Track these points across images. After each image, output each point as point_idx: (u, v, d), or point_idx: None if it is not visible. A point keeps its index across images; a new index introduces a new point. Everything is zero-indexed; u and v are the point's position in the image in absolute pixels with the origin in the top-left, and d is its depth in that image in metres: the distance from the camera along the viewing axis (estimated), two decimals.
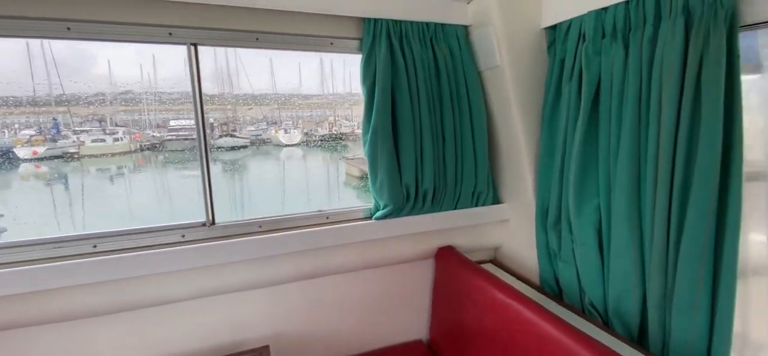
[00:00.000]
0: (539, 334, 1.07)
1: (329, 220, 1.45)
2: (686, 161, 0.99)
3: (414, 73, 1.38)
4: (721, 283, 0.96)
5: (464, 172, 1.52)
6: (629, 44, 1.12)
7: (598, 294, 1.27)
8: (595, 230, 1.26)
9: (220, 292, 1.31)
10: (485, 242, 1.71)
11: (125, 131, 3.12)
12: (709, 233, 0.97)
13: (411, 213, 1.48)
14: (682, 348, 1.04)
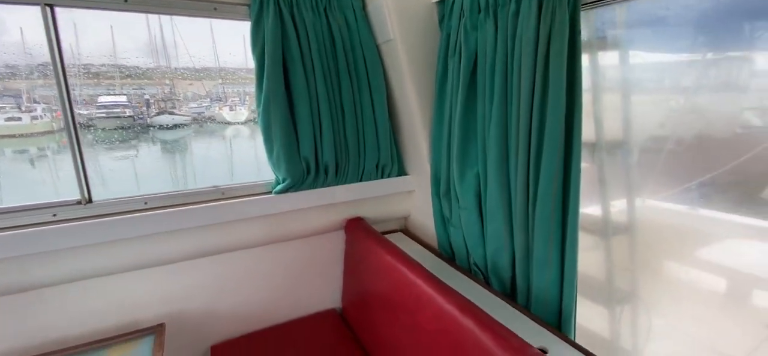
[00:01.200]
0: (418, 295, 1.14)
1: (225, 196, 1.43)
2: (539, 130, 1.08)
3: (306, 43, 1.35)
4: (567, 240, 1.08)
5: (366, 145, 1.55)
6: (498, 19, 1.18)
7: (479, 254, 1.38)
8: (476, 195, 1.35)
9: (105, 273, 1.26)
10: (394, 213, 1.78)
11: (45, 108, 2.82)
12: (557, 195, 1.07)
13: (313, 187, 1.50)
14: (541, 298, 1.16)
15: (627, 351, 1.36)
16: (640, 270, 1.29)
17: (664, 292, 1.26)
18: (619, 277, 1.35)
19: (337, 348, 1.48)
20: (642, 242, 1.27)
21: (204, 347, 1.48)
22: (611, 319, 1.42)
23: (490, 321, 0.93)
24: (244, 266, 1.52)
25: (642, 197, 1.24)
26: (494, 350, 0.85)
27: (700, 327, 1.17)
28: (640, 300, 1.34)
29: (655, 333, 1.28)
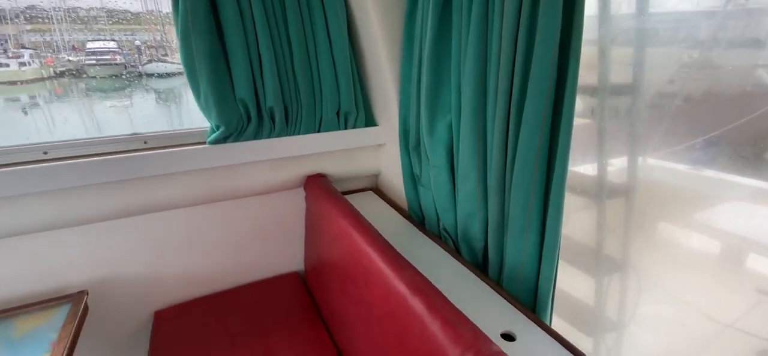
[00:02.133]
0: (367, 267, 0.96)
1: (148, 145, 1.22)
2: (524, 67, 0.84)
3: None
4: (551, 205, 0.87)
5: (323, 89, 1.31)
6: None
7: (450, 218, 1.18)
8: (447, 151, 1.13)
9: (13, 233, 1.09)
10: (362, 169, 1.57)
11: (33, 54, 2.56)
12: (541, 150, 0.85)
13: (258, 137, 1.28)
14: (515, 273, 0.98)
15: (612, 319, 1.27)
16: (633, 233, 1.16)
17: (656, 255, 1.14)
18: (610, 243, 1.22)
19: (293, 313, 1.34)
20: (638, 204, 1.13)
21: (147, 312, 1.35)
22: (598, 287, 1.29)
23: (443, 305, 0.75)
24: (187, 226, 1.34)
25: (643, 156, 1.10)
26: (442, 342, 0.68)
27: (691, 291, 1.10)
28: (631, 266, 1.20)
29: (643, 297, 1.18)
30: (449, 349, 0.66)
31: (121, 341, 1.33)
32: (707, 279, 1.08)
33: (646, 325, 1.20)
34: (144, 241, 1.29)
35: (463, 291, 0.99)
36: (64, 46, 2.58)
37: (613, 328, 1.27)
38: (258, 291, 1.46)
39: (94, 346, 1.29)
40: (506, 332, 0.85)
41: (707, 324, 1.11)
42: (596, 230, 1.22)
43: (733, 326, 1.07)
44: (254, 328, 1.28)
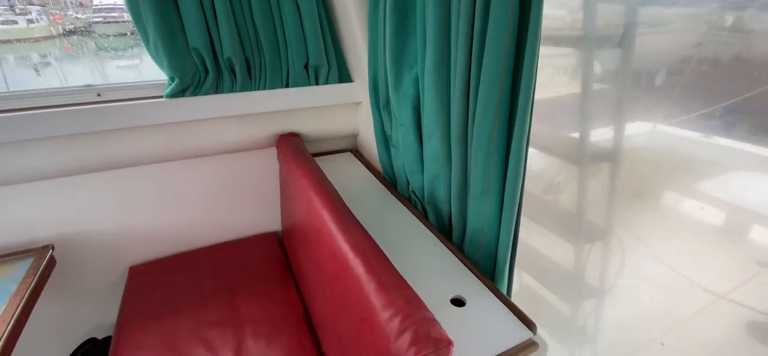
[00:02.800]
0: (319, 228, 0.92)
1: (102, 99, 1.18)
2: (485, 3, 0.73)
3: None
4: (510, 165, 0.79)
5: (288, 39, 1.21)
6: None
7: (418, 181, 1.12)
8: (414, 107, 1.04)
9: None
10: (338, 129, 1.50)
11: (41, 10, 2.52)
12: (502, 104, 0.76)
13: (219, 91, 1.21)
14: (476, 238, 0.92)
15: (593, 286, 1.22)
16: (628, 201, 1.09)
17: (652, 225, 1.06)
18: (594, 210, 1.14)
19: (266, 272, 1.33)
20: (636, 171, 1.05)
21: (121, 268, 1.37)
22: (578, 254, 1.22)
23: (381, 268, 0.70)
24: (156, 183, 1.32)
25: (653, 122, 1.00)
26: (374, 304, 0.63)
27: (688, 261, 1.04)
28: (615, 235, 1.12)
29: (637, 266, 1.13)
30: (380, 312, 0.61)
31: (98, 295, 1.36)
32: (706, 249, 1.02)
33: (637, 294, 1.14)
34: (112, 197, 1.29)
35: (425, 256, 0.95)
36: (71, 2, 2.52)
37: (597, 294, 1.22)
38: (234, 250, 1.46)
39: (69, 300, 1.33)
40: (457, 297, 0.81)
41: (700, 294, 1.05)
42: (592, 198, 1.14)
43: (726, 297, 1.01)
44: (225, 286, 1.28)
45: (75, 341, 1.33)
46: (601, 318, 1.23)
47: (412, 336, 0.55)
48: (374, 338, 0.62)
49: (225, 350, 1.05)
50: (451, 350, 0.55)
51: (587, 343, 1.24)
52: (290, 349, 1.05)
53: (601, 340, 1.21)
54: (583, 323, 1.26)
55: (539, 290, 1.30)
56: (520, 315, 0.75)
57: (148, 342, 1.07)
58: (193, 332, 1.10)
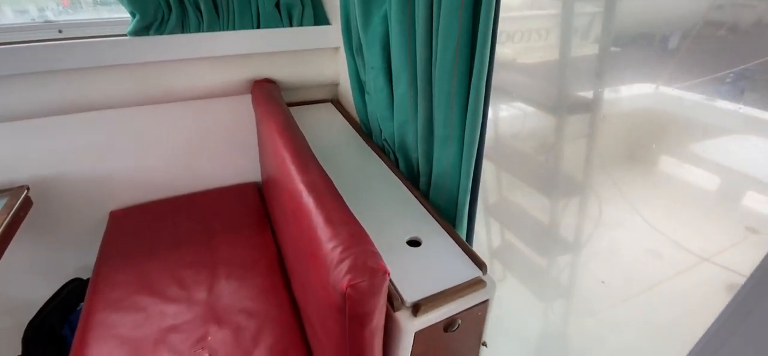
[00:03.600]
0: (286, 170, 0.90)
1: (63, 35, 1.13)
2: None
3: None
4: (470, 107, 0.76)
5: None
6: None
7: (389, 128, 1.09)
8: (383, 48, 0.99)
9: None
10: (317, 77, 1.45)
11: None
12: (462, 40, 0.72)
13: (186, 30, 1.16)
14: (440, 183, 0.91)
15: (567, 240, 1.22)
16: (621, 162, 1.07)
17: (641, 186, 1.05)
18: (575, 167, 1.12)
19: (243, 219, 1.35)
20: (631, 132, 1.02)
21: (103, 212, 1.39)
22: (553, 208, 1.22)
23: (331, 205, 0.70)
24: (131, 127, 1.31)
25: (656, 84, 0.96)
26: (321, 238, 0.64)
27: (676, 224, 1.03)
28: (593, 190, 1.11)
29: (608, 223, 1.12)
30: (324, 245, 0.62)
31: (81, 238, 1.39)
32: (697, 213, 1.01)
33: (619, 254, 1.15)
34: (88, 141, 1.28)
35: (390, 202, 0.94)
36: None
37: (573, 249, 1.23)
38: (214, 198, 1.47)
39: (53, 242, 1.36)
40: (413, 238, 0.81)
41: (685, 256, 1.06)
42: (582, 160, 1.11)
43: (710, 260, 1.01)
44: (203, 231, 1.30)
45: (61, 281, 1.37)
46: (576, 273, 1.25)
47: (349, 265, 0.55)
48: (318, 269, 0.63)
49: (198, 289, 1.09)
50: (387, 280, 0.56)
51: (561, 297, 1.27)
52: (261, 290, 1.08)
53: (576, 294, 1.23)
54: (558, 276, 1.28)
55: (519, 245, 1.31)
56: (472, 255, 0.75)
57: (124, 281, 1.10)
58: (168, 272, 1.13)
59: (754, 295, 0.40)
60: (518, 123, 1.16)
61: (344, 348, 0.60)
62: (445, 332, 0.69)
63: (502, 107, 1.16)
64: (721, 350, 0.42)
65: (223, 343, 0.93)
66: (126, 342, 0.93)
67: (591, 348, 1.13)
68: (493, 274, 0.74)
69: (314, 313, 0.76)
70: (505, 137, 1.20)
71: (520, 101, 1.11)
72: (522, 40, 1.09)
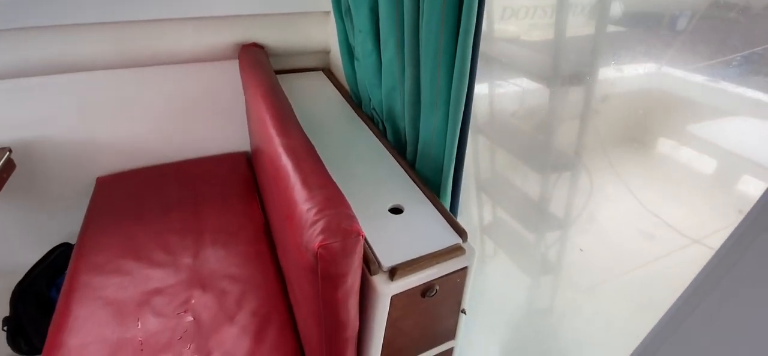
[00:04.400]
0: (268, 135, 0.88)
1: None
2: None
3: None
4: (456, 71, 0.73)
5: None
6: None
7: (377, 95, 1.07)
8: (371, 10, 0.96)
9: None
10: (307, 43, 1.41)
11: None
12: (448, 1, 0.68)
13: None
14: (426, 151, 0.89)
15: (557, 216, 1.21)
16: (616, 143, 1.05)
17: (637, 168, 1.03)
18: (571, 146, 1.10)
19: (231, 188, 1.34)
20: (630, 112, 0.99)
21: (89, 178, 1.38)
22: (543, 184, 1.21)
23: (309, 167, 0.69)
24: (114, 90, 1.28)
25: (658, 63, 0.92)
26: (297, 199, 0.63)
27: (670, 206, 1.02)
28: (585, 166, 1.09)
29: (602, 203, 1.12)
30: (300, 206, 0.61)
31: (69, 203, 1.38)
32: (692, 196, 0.99)
33: (611, 234, 1.15)
34: (72, 104, 1.25)
35: (375, 171, 0.93)
36: None
37: (562, 226, 1.22)
38: (201, 167, 1.45)
39: (40, 207, 1.36)
40: (396, 206, 0.80)
41: (675, 237, 1.05)
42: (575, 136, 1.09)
43: (700, 242, 1.01)
44: (190, 198, 1.29)
45: (49, 246, 1.37)
46: (566, 250, 1.24)
47: (322, 226, 0.54)
48: (293, 231, 0.62)
49: (183, 254, 1.09)
50: (361, 242, 0.55)
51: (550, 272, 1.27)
52: (247, 257, 1.08)
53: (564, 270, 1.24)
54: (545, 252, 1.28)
55: (512, 223, 1.30)
56: (453, 223, 0.75)
57: (110, 245, 1.10)
58: (154, 237, 1.13)
59: (705, 287, 0.40)
60: (516, 101, 1.13)
61: (318, 309, 0.59)
62: (422, 297, 0.69)
63: (499, 83, 1.13)
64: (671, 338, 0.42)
65: (206, 307, 0.94)
66: (110, 304, 0.93)
67: (574, 319, 1.14)
68: (484, 251, 0.74)
69: (293, 276, 0.76)
70: (503, 113, 1.18)
71: (522, 75, 1.08)
72: (526, 16, 1.05)
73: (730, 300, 0.36)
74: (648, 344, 0.46)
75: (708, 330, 0.39)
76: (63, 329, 0.88)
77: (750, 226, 0.34)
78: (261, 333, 0.88)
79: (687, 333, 0.41)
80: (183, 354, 0.83)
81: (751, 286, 0.34)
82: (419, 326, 0.75)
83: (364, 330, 0.71)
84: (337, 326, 0.62)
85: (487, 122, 1.14)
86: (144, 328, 0.88)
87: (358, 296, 0.63)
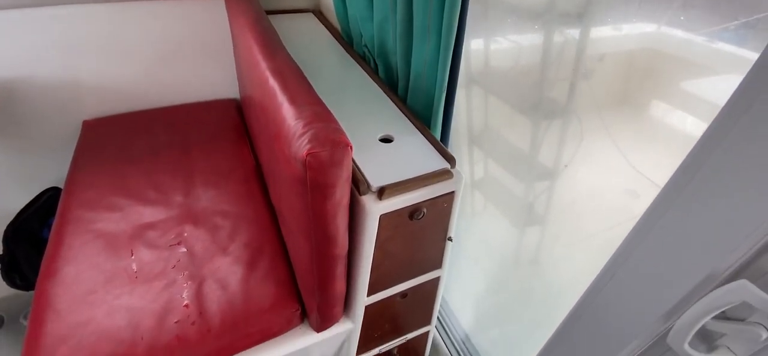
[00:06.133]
0: (256, 63, 0.87)
1: None
2: None
3: None
4: None
5: None
6: None
7: (369, 30, 1.04)
8: None
9: None
10: None
11: None
12: None
13: None
14: (417, 83, 0.88)
15: (547, 167, 1.23)
16: (610, 104, 1.04)
17: (630, 130, 1.04)
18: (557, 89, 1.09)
19: (221, 132, 1.33)
20: (626, 74, 0.98)
21: (75, 121, 1.35)
22: (534, 133, 1.21)
23: (296, 87, 0.68)
24: (94, 27, 1.24)
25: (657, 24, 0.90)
26: (285, 116, 0.63)
27: (662, 168, 1.03)
28: (575, 113, 1.09)
29: (604, 169, 1.13)
30: (288, 122, 0.61)
31: (55, 146, 1.36)
32: (673, 150, 0.99)
33: (599, 194, 1.16)
34: (51, 40, 1.21)
35: (365, 104, 0.93)
36: None
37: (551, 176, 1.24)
38: (190, 112, 1.43)
39: (26, 149, 1.33)
40: (386, 136, 0.80)
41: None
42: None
43: None
44: (179, 141, 1.28)
45: (38, 190, 1.36)
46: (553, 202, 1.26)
47: (310, 136, 0.55)
48: (282, 148, 0.62)
49: (175, 193, 1.09)
50: (349, 153, 0.56)
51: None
52: (238, 196, 1.09)
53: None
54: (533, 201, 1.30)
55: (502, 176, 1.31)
56: (442, 150, 0.75)
57: (100, 183, 1.09)
58: (144, 177, 1.13)
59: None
60: (513, 56, 1.11)
61: (308, 223, 0.61)
62: (410, 219, 0.71)
63: (497, 40, 1.11)
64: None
65: (199, 239, 0.95)
66: (102, 236, 0.94)
67: (558, 267, 1.18)
68: (474, 208, 0.75)
69: (283, 194, 0.77)
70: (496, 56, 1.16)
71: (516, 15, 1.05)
72: None
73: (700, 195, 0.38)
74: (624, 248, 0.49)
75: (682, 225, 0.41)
76: (57, 258, 0.89)
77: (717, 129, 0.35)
78: (254, 262, 0.90)
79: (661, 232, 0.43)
80: (177, 280, 0.85)
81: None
82: (407, 250, 0.77)
83: (354, 251, 0.73)
84: (326, 241, 0.64)
85: (481, 72, 1.13)
86: (137, 258, 0.90)
87: (347, 212, 0.64)
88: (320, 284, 0.70)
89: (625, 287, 0.50)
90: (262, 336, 0.82)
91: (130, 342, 0.73)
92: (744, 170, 0.35)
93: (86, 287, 0.83)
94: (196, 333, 0.76)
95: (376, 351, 1.01)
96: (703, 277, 0.41)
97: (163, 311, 0.79)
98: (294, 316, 0.83)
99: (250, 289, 0.83)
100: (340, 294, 0.76)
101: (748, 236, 0.37)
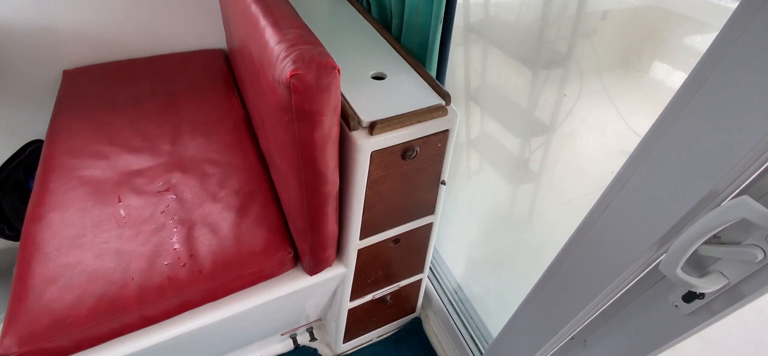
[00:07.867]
0: (245, 5, 0.81)
1: None
2: None
3: None
4: None
5: None
6: None
7: None
8: None
9: None
10: None
11: None
12: None
13: None
14: (411, 20, 0.84)
15: (543, 122, 1.20)
16: (610, 66, 0.99)
17: (630, 92, 1.00)
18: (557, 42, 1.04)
19: (208, 82, 1.28)
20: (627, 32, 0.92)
21: (55, 71, 1.29)
22: (533, 87, 1.17)
23: (280, 12, 0.64)
24: None
25: None
26: (268, 42, 0.59)
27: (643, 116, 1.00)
28: (575, 62, 1.05)
29: (603, 126, 1.10)
30: (272, 44, 0.57)
31: (34, 97, 1.31)
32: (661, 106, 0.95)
33: (594, 157, 1.14)
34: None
35: (358, 43, 0.89)
36: None
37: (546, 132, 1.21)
38: (176, 62, 1.37)
39: (4, 101, 1.28)
40: (378, 74, 0.77)
41: None
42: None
43: None
44: (165, 90, 1.23)
45: (20, 142, 1.32)
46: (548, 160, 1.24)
47: (294, 58, 0.51)
48: (266, 77, 0.59)
49: (162, 141, 1.06)
50: (337, 76, 0.53)
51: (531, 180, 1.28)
52: (227, 145, 1.06)
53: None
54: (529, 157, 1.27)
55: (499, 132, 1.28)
56: (436, 87, 0.72)
57: (84, 131, 1.06)
58: (130, 125, 1.09)
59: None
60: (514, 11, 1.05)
61: (296, 156, 0.59)
62: (402, 159, 0.69)
63: None
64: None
65: (188, 186, 0.93)
66: (88, 183, 0.92)
67: (549, 226, 1.18)
68: (470, 163, 0.72)
69: (272, 141, 0.75)
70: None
71: None
72: None
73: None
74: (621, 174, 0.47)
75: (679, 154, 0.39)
76: (42, 204, 0.87)
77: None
78: (245, 208, 0.88)
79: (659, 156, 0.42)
80: (167, 225, 0.84)
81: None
82: (400, 192, 0.76)
83: (345, 191, 0.72)
84: (316, 178, 0.62)
85: (481, 21, 1.07)
86: (125, 204, 0.88)
87: (337, 147, 0.62)
88: (312, 224, 0.69)
89: (618, 216, 0.49)
90: (255, 279, 0.82)
91: (120, 282, 0.73)
92: (752, 81, 0.33)
93: (74, 231, 0.81)
94: (187, 274, 0.75)
95: (370, 297, 1.03)
96: (703, 195, 0.40)
97: (153, 254, 0.78)
98: (286, 259, 0.82)
99: (242, 233, 0.82)
100: (332, 235, 0.75)
101: (750, 151, 0.36)
